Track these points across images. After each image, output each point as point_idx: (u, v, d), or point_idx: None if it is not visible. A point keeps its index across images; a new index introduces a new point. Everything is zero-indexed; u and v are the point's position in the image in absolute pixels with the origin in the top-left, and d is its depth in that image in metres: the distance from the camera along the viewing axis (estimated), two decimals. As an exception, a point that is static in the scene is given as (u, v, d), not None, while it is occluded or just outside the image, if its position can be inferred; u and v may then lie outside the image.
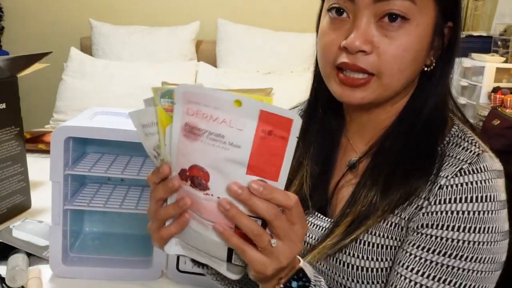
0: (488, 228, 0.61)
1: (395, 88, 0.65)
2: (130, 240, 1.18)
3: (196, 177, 0.48)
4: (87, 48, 2.80)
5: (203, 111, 0.45)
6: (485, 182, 0.61)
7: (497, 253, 0.62)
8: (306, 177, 0.73)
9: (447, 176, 0.63)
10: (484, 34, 2.67)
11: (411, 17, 0.61)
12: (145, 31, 2.71)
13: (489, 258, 0.62)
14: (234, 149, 0.46)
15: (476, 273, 0.61)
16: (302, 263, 0.55)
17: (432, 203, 0.63)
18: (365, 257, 0.67)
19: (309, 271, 0.56)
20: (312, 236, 0.72)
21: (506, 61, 2.57)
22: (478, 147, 0.65)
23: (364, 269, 0.67)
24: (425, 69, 0.67)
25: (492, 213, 0.61)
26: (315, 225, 0.72)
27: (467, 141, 0.66)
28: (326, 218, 0.72)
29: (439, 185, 0.63)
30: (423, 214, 0.63)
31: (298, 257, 0.55)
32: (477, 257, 0.61)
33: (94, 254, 1.11)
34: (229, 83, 2.46)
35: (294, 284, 0.54)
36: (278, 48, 2.62)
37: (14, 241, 1.12)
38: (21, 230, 1.17)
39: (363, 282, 0.67)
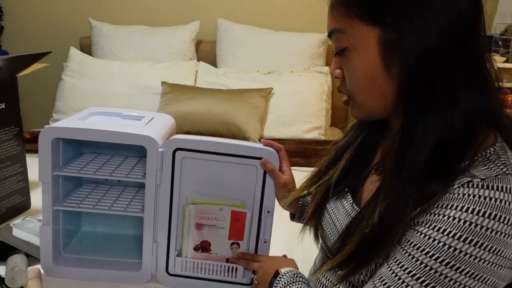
0: (491, 247, 0.58)
1: (374, 107, 0.69)
2: (128, 241, 1.17)
3: (204, 247, 1.03)
4: (86, 48, 2.80)
5: (205, 215, 1.01)
6: (500, 202, 0.58)
7: (494, 276, 0.59)
8: (345, 165, 0.83)
9: (453, 185, 0.61)
10: (485, 33, 2.67)
11: (348, 45, 0.67)
12: (144, 31, 2.70)
13: (484, 277, 0.58)
14: (221, 230, 1.02)
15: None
16: (281, 269, 0.87)
17: (432, 206, 0.62)
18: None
19: (284, 270, 0.86)
20: (339, 220, 0.79)
21: (506, 61, 2.57)
22: (505, 169, 0.61)
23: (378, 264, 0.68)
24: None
25: (500, 235, 0.57)
26: (344, 209, 0.79)
27: (495, 163, 0.62)
28: (354, 205, 0.78)
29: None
30: (422, 213, 0.62)
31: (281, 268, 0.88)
32: (471, 272, 0.58)
33: (87, 255, 1.09)
34: (229, 83, 2.46)
35: (272, 279, 0.87)
36: (278, 48, 2.61)
37: (14, 240, 1.11)
38: (21, 229, 1.16)
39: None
